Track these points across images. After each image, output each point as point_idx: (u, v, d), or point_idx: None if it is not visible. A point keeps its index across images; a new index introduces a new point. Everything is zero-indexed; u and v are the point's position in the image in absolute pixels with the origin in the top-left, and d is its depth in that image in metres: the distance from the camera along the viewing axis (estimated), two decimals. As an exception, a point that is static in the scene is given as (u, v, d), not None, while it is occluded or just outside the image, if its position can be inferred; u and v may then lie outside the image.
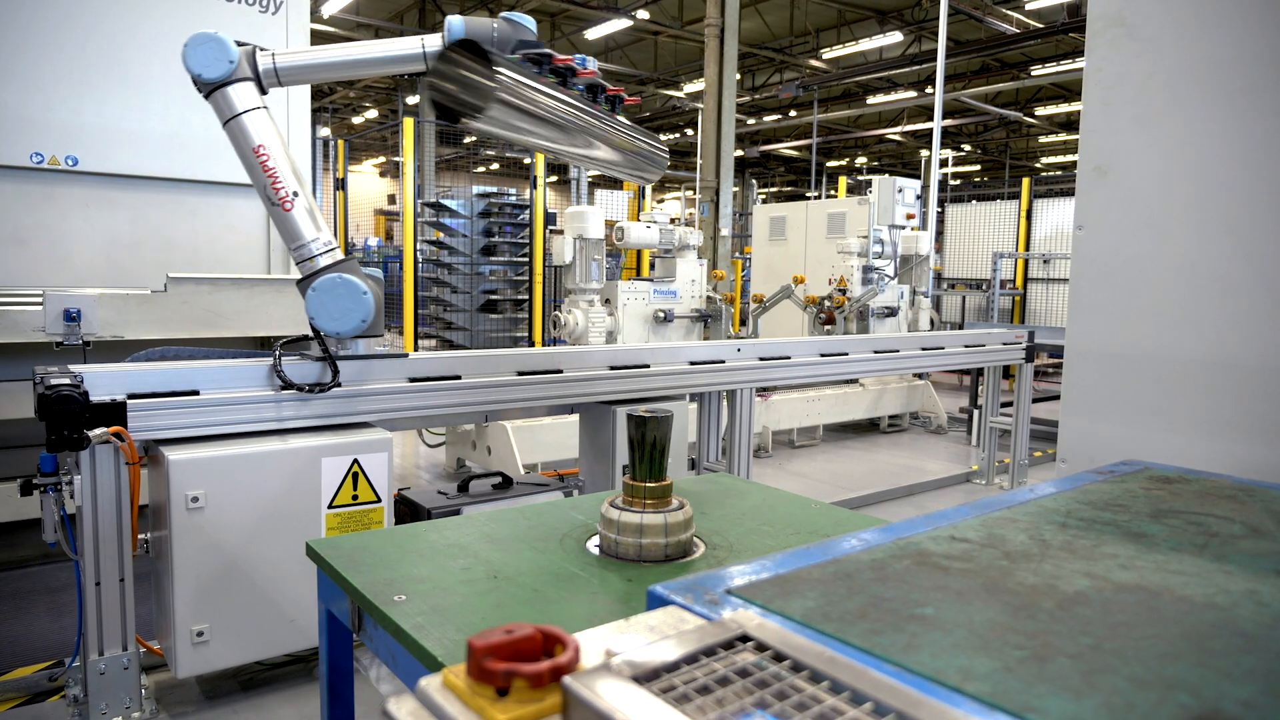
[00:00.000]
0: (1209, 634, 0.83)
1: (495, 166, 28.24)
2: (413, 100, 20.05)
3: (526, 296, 9.34)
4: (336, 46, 3.14)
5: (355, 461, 2.98)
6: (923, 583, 0.96)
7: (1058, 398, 8.92)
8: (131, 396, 2.70)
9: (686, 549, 1.84)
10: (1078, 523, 1.20)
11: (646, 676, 0.64)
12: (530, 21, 3.10)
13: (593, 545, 1.88)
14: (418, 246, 8.62)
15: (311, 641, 2.95)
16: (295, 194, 2.93)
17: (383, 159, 27.34)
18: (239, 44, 2.97)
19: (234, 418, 2.86)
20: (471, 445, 5.91)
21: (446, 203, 9.26)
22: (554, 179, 9.42)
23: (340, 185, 8.84)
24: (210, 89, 2.93)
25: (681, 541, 1.82)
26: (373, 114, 23.99)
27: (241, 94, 2.92)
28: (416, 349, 7.87)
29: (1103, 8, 2.05)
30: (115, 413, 2.63)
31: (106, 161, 4.66)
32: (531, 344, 9.14)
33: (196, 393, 2.82)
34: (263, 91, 3.00)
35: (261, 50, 3.00)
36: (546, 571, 1.70)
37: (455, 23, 3.02)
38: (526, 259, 9.31)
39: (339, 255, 3.01)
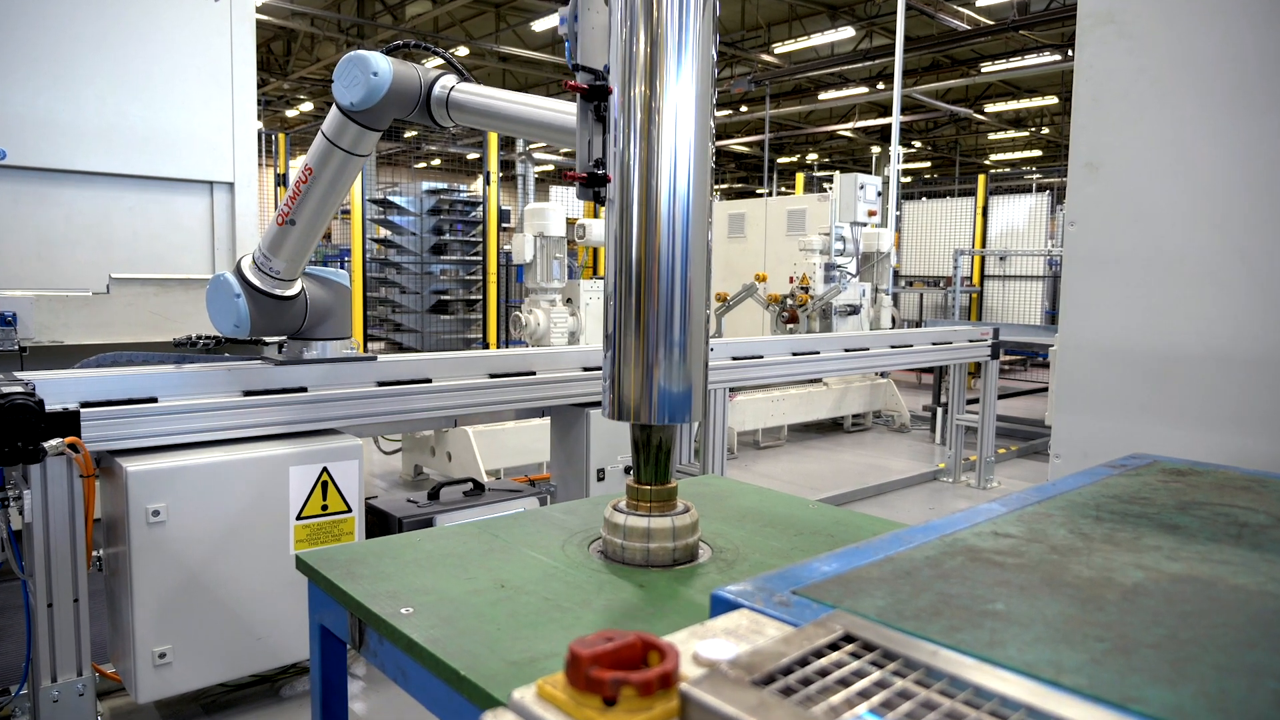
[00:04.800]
0: (1274, 620, 0.87)
1: (437, 162, 27.93)
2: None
3: (479, 297, 9.26)
4: (517, 97, 2.74)
5: (324, 470, 2.92)
6: (984, 578, 0.98)
7: (1018, 394, 9.12)
8: (85, 405, 2.61)
9: (693, 553, 1.85)
10: (1110, 516, 1.24)
11: (763, 680, 0.64)
12: None
13: (595, 550, 1.88)
14: (365, 246, 8.48)
15: (280, 660, 2.89)
16: (293, 222, 2.88)
17: (318, 154, 26.79)
18: (435, 73, 2.73)
19: (195, 426, 2.78)
20: (430, 451, 5.83)
21: (394, 199, 9.13)
22: (500, 174, 9.35)
23: (281, 181, 8.65)
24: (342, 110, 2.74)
25: (689, 545, 1.83)
26: (308, 107, 23.51)
27: (348, 132, 2.73)
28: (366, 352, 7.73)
29: (1093, 5, 2.12)
30: (69, 422, 2.54)
31: (37, 155, 4.48)
32: (485, 345, 9.07)
33: (155, 400, 2.74)
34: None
35: (443, 82, 2.72)
36: (554, 579, 1.69)
37: None
38: (479, 258, 9.23)
39: (286, 291, 3.02)
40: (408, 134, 23.61)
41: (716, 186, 29.94)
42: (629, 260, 1.77)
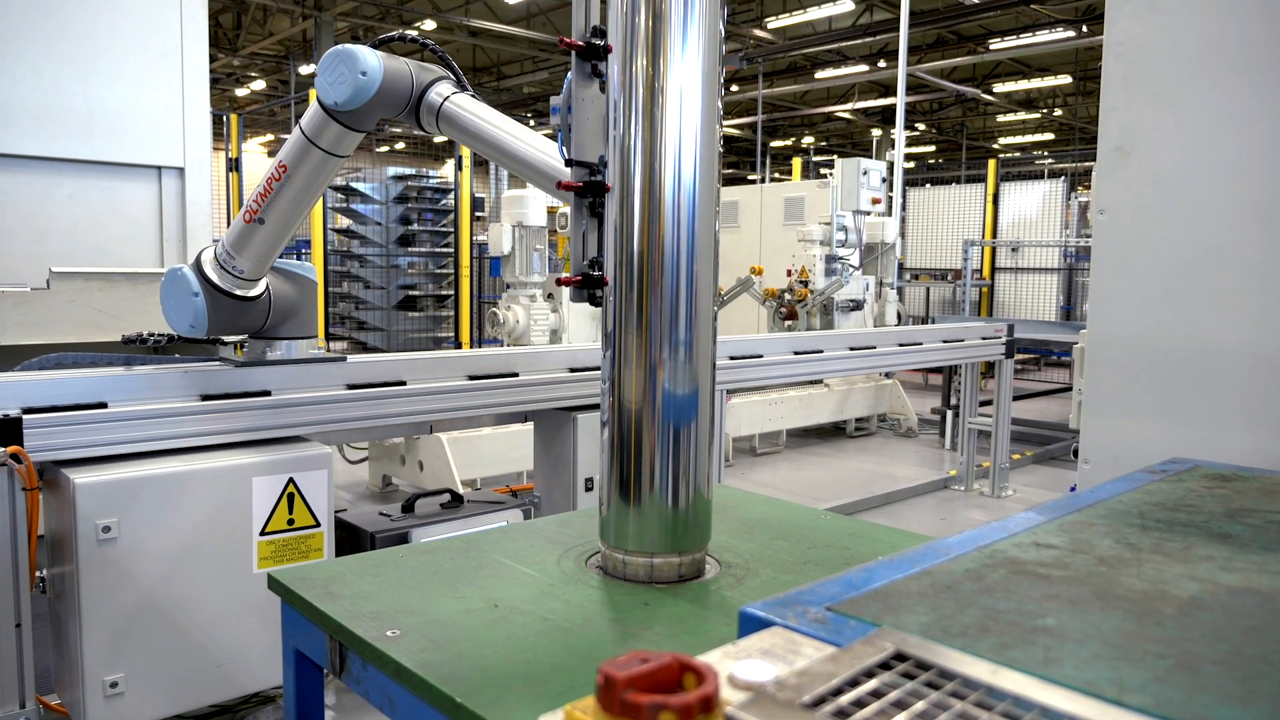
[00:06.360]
0: (1343, 635, 0.88)
1: (401, 145, 27.81)
2: (307, 70, 19.59)
3: (451, 292, 9.23)
4: (511, 128, 2.71)
5: (291, 480, 2.91)
6: (1030, 592, 0.99)
7: (1032, 396, 9.18)
8: (27, 411, 2.58)
9: (700, 568, 1.85)
10: (1156, 524, 1.26)
11: (814, 703, 0.64)
12: None
13: (593, 566, 1.88)
14: (326, 237, 8.44)
15: (242, 689, 2.87)
16: (262, 221, 2.85)
17: (271, 137, 26.65)
18: (430, 76, 2.69)
19: (149, 433, 2.76)
20: (400, 460, 5.81)
21: (357, 186, 9.09)
22: (472, 158, 9.29)
23: (234, 166, 8.59)
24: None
25: (696, 560, 1.84)
26: (260, 85, 23.36)
27: (329, 131, 2.70)
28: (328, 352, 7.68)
29: (1123, -23, 2.15)
30: (9, 430, 2.51)
31: (-33, 137, 4.43)
32: (457, 345, 9.04)
33: (104, 405, 2.71)
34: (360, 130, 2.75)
35: (438, 89, 2.68)
36: (552, 598, 1.69)
37: None
38: (450, 249, 9.20)
39: (249, 292, 3.01)
40: (369, 115, 23.46)
41: (705, 172, 29.93)
42: (630, 253, 1.77)
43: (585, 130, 1.87)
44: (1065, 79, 19.70)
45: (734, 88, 21.69)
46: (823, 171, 11.44)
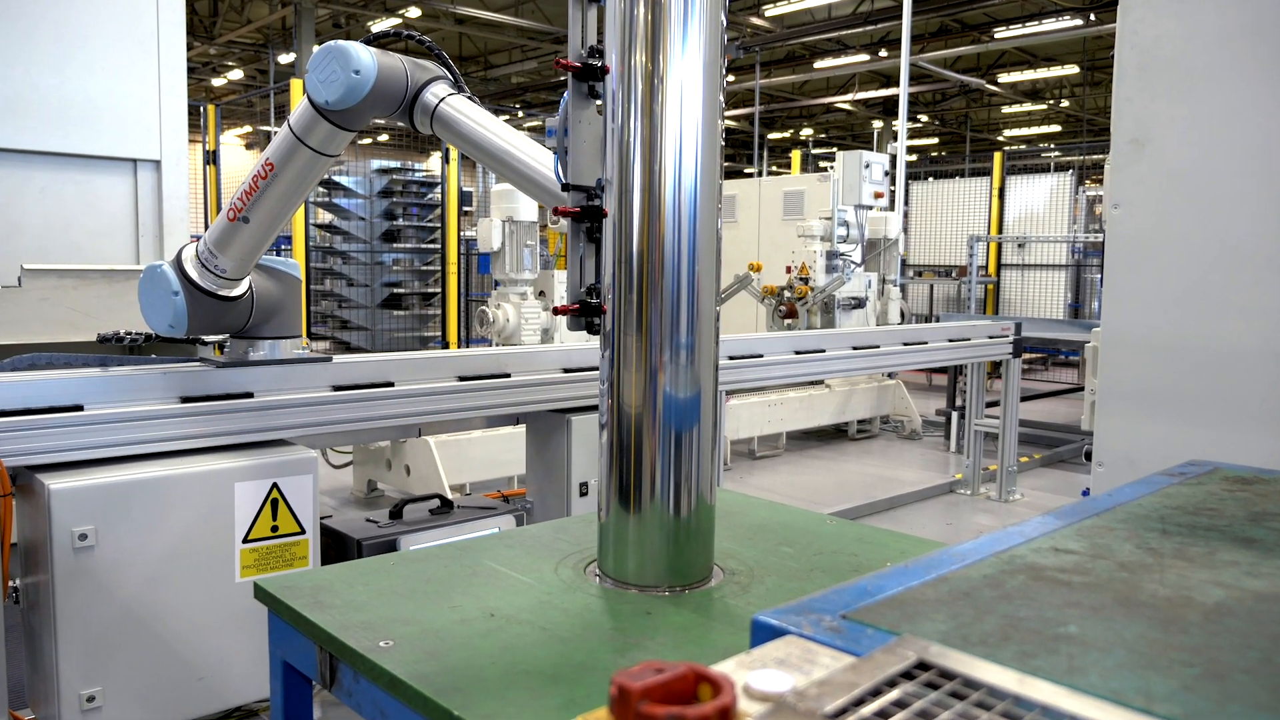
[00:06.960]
0: (1374, 642, 0.89)
1: (385, 138, 27.75)
2: (286, 59, 19.54)
3: (437, 290, 9.22)
4: (508, 135, 2.71)
5: (274, 486, 2.90)
6: (1050, 599, 0.99)
7: (1039, 396, 9.19)
8: None
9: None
10: (1177, 529, 1.26)
11: (836, 714, 0.65)
12: None
13: (592, 573, 1.88)
14: (307, 232, 8.42)
15: (225, 703, 2.87)
16: (246, 220, 2.83)
17: (249, 129, 26.57)
18: (425, 75, 2.67)
19: (127, 437, 2.75)
20: (386, 465, 5.80)
21: (339, 180, 9.07)
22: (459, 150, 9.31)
23: (211, 158, 8.56)
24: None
25: (699, 567, 1.84)
26: (237, 75, 23.30)
27: (319, 130, 2.68)
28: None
29: (1138, -37, 2.16)
30: (-19, 434, 2.50)
31: (-66, 129, 4.42)
32: (444, 344, 9.04)
33: (80, 408, 2.70)
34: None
35: (434, 89, 2.68)
36: (550, 607, 1.70)
37: None
38: (437, 245, 9.19)
39: (232, 291, 3.00)
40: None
41: (700, 165, 29.92)
42: (629, 251, 1.77)
43: (583, 154, 1.88)
44: (1072, 69, 19.76)
45: (730, 78, 21.71)
46: (822, 165, 11.47)
